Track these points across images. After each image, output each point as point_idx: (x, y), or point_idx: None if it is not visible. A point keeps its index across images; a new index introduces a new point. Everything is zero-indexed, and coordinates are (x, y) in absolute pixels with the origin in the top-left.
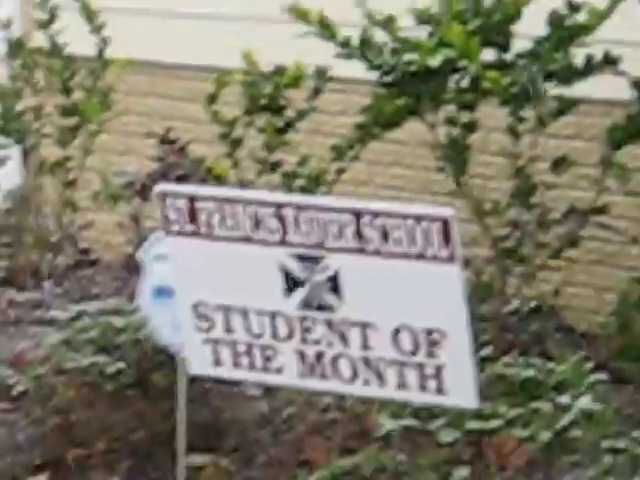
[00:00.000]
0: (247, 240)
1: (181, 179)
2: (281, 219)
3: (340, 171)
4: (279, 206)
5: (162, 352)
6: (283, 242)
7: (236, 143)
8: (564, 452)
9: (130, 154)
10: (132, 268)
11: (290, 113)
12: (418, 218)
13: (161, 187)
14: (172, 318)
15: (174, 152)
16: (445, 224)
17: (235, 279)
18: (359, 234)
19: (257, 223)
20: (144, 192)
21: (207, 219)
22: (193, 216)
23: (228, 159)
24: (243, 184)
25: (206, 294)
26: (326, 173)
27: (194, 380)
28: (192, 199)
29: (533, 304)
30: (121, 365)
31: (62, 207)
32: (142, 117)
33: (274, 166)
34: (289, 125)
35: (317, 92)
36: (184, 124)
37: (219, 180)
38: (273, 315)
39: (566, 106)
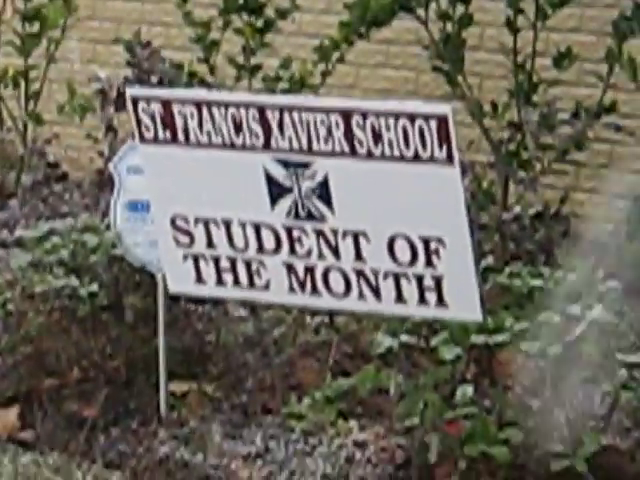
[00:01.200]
0: (228, 146)
1: (146, 84)
2: (264, 122)
3: (325, 74)
4: (262, 108)
5: (139, 271)
6: (267, 147)
7: (212, 46)
8: (576, 367)
9: (97, 62)
10: (104, 183)
11: (270, 12)
12: (412, 116)
13: (132, 91)
14: (149, 234)
15: (148, 57)
16: (442, 122)
17: (216, 189)
18: (349, 136)
19: (238, 127)
20: (118, 101)
21: (184, 124)
22: (168, 122)
23: (204, 64)
24: (221, 90)
25: (185, 206)
26: (310, 76)
27: (174, 301)
28: (167, 103)
29: (536, 210)
30: (95, 287)
31: (26, 120)
32: (109, 22)
33: (254, 70)
34: (269, 25)
35: None
36: (154, 28)
37: (203, 84)
38: (258, 227)
39: None
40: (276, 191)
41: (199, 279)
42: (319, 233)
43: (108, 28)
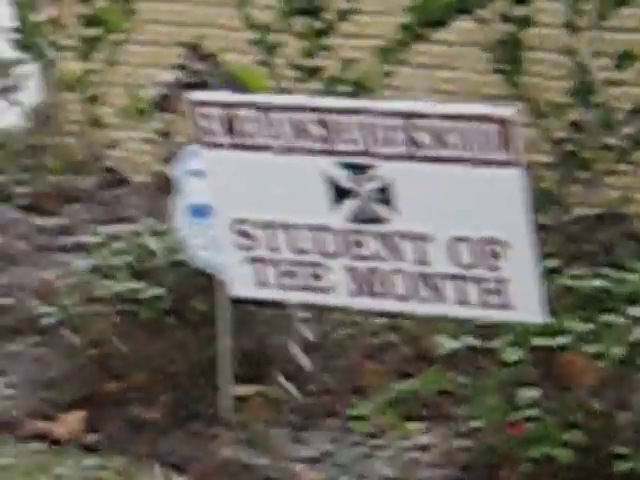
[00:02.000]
0: (289, 150)
1: (202, 88)
2: (325, 125)
3: (385, 75)
4: (323, 111)
5: (201, 275)
6: (328, 150)
7: (272, 49)
8: (639, 368)
9: (158, 66)
10: (164, 187)
11: (329, 15)
12: (475, 119)
13: (194, 95)
14: (211, 238)
15: (198, 59)
16: (504, 124)
17: (277, 192)
18: (410, 139)
19: (299, 131)
20: (165, 103)
21: (245, 128)
22: (229, 126)
23: (263, 67)
24: (281, 93)
25: (246, 210)
26: (370, 78)
27: (236, 304)
28: (228, 107)
29: (598, 211)
30: (157, 291)
31: (86, 125)
32: (170, 25)
33: (314, 72)
34: (329, 28)
35: None
36: (216, 31)
37: (245, 85)
38: (320, 230)
39: None
40: (338, 194)
41: (261, 282)
42: (381, 236)
43: (170, 31)
